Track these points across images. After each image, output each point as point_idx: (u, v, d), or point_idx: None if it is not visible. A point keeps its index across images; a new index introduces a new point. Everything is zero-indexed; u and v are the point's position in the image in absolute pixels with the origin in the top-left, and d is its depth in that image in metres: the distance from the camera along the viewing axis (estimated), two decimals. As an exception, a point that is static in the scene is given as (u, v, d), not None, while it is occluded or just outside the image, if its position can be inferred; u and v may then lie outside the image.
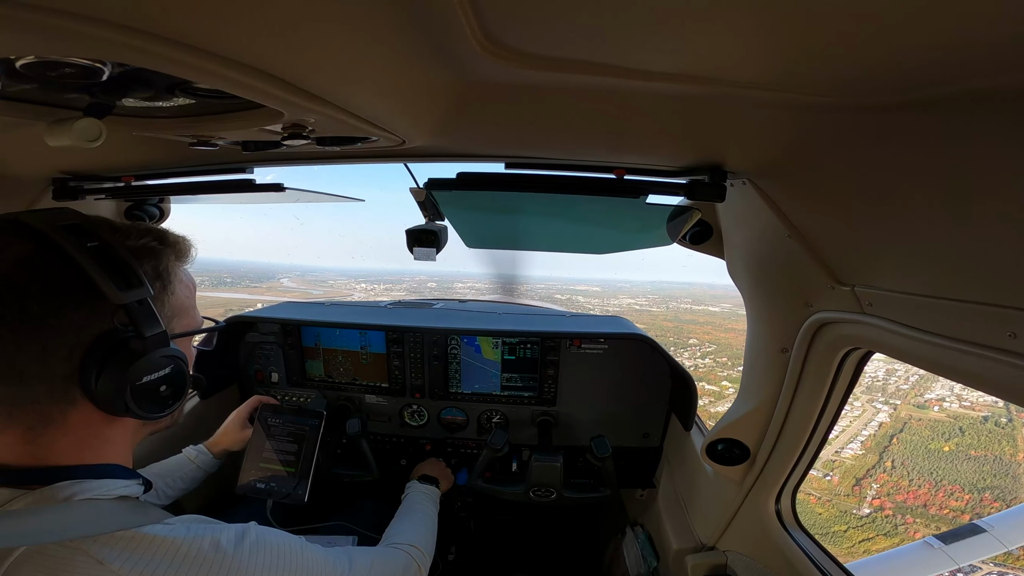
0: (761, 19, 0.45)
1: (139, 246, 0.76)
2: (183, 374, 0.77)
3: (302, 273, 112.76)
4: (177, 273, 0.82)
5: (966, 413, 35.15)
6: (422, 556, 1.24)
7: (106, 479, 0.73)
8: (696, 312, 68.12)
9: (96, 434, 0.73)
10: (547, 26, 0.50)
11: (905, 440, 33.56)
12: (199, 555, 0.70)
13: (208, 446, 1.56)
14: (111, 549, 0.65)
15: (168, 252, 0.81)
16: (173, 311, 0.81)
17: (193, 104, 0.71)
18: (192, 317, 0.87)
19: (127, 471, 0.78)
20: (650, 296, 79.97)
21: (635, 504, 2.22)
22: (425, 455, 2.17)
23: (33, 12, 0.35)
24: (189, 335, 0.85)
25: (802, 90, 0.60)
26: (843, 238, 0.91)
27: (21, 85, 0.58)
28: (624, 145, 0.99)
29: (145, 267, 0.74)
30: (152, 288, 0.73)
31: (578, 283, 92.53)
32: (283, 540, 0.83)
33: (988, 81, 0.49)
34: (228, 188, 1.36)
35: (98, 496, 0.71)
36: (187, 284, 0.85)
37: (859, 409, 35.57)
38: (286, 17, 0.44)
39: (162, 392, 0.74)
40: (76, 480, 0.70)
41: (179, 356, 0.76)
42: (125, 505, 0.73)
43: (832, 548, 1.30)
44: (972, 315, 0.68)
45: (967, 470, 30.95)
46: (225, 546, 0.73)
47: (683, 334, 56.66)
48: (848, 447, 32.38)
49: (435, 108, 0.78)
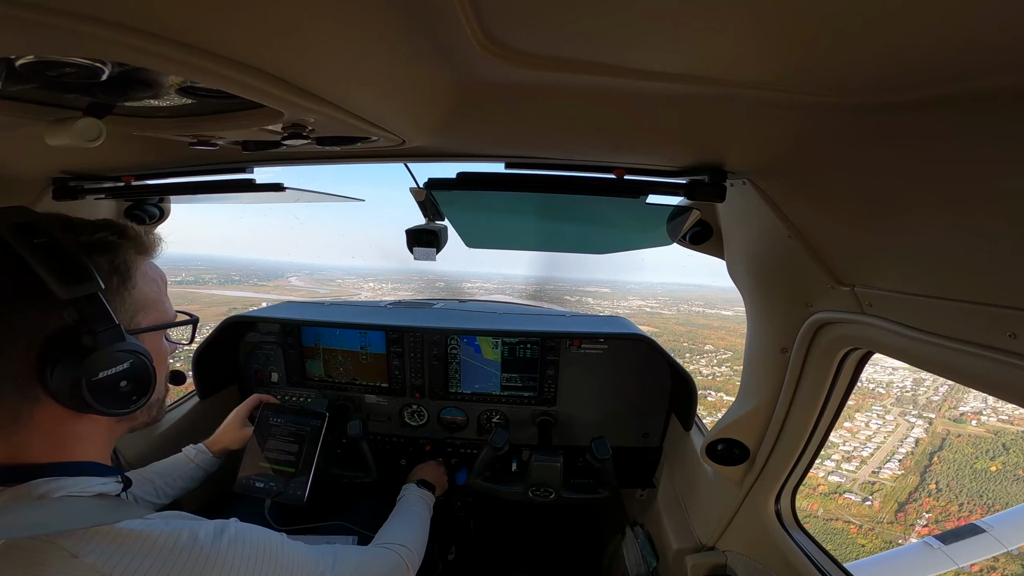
0: (761, 19, 0.45)
1: (94, 241, 0.75)
2: (145, 369, 0.75)
3: (311, 272, 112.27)
4: (138, 267, 0.81)
5: (1006, 428, 33.25)
6: (411, 556, 1.25)
7: (82, 476, 0.74)
8: (709, 316, 66.51)
9: (67, 431, 0.73)
10: (547, 26, 0.50)
11: (947, 459, 31.06)
12: (175, 548, 0.69)
13: (208, 445, 1.56)
14: (86, 543, 0.65)
15: (127, 246, 0.80)
16: (136, 306, 0.79)
17: (193, 104, 0.71)
18: (161, 311, 0.85)
19: (105, 468, 0.78)
20: (660, 298, 78.36)
21: (635, 504, 2.22)
22: (425, 455, 2.17)
23: (33, 11, 0.35)
24: (153, 330, 0.83)
25: (802, 90, 0.60)
26: (843, 238, 0.91)
27: (21, 85, 0.58)
28: (624, 145, 0.99)
29: (99, 261, 0.73)
30: (107, 282, 0.72)
31: (587, 284, 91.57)
32: (263, 536, 0.83)
33: (988, 81, 0.49)
34: (228, 188, 1.36)
35: (75, 493, 0.71)
36: (153, 278, 0.84)
37: (891, 423, 33.80)
38: (286, 16, 0.44)
39: (123, 388, 0.72)
40: (51, 477, 0.70)
41: (139, 351, 0.74)
42: (103, 502, 0.73)
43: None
44: (972, 315, 0.68)
45: (1018, 492, 28.79)
46: (203, 539, 0.73)
47: (698, 339, 55.16)
48: (886, 467, 29.94)
49: (435, 108, 0.78)
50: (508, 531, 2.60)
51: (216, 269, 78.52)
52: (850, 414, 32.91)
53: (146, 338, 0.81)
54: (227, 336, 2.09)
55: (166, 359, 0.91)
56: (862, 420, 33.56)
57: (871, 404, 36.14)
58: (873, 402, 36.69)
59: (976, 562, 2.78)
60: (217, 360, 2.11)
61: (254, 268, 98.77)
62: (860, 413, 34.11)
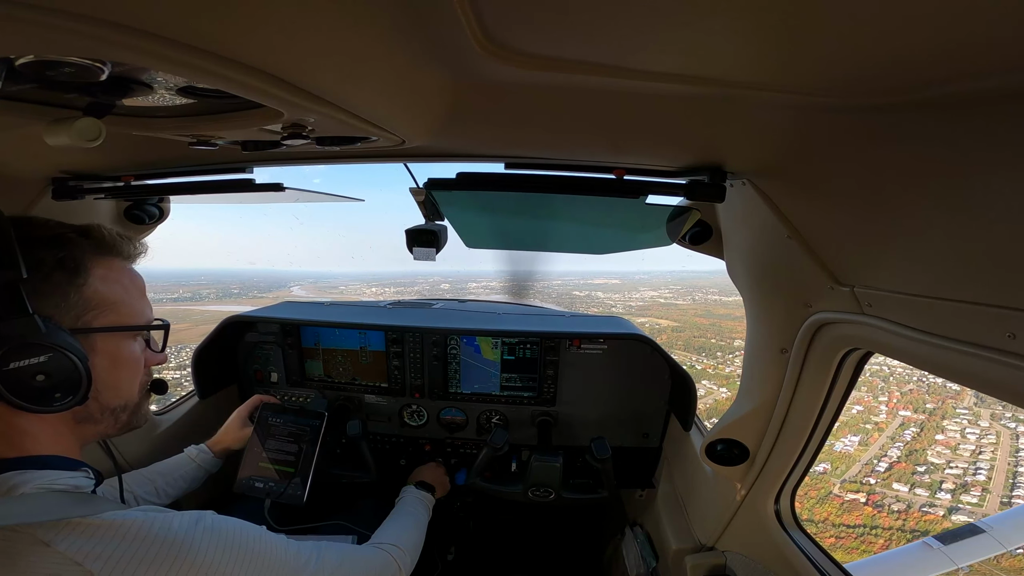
0: (761, 20, 0.45)
1: (48, 236, 0.75)
2: (70, 367, 0.72)
3: (314, 280, 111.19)
4: (94, 265, 0.79)
5: None
6: (403, 556, 1.24)
7: (47, 470, 0.73)
8: (729, 305, 54.67)
9: (11, 425, 0.73)
10: (547, 26, 0.50)
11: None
12: (148, 536, 0.69)
13: (209, 445, 1.57)
14: (57, 533, 0.66)
15: (83, 243, 0.78)
16: (86, 304, 0.77)
17: (193, 104, 0.71)
18: (126, 315, 0.83)
19: (70, 462, 0.77)
20: (673, 287, 71.38)
21: (634, 504, 2.22)
22: (425, 455, 2.17)
23: (32, 11, 0.35)
24: (102, 331, 0.79)
25: (802, 90, 0.60)
26: (843, 239, 0.91)
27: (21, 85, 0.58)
28: (624, 145, 0.99)
29: (41, 253, 0.72)
30: (44, 275, 0.71)
31: (596, 276, 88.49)
32: (240, 526, 0.82)
33: (987, 82, 0.49)
34: (228, 188, 1.35)
35: (45, 486, 0.71)
36: (117, 280, 0.82)
37: (990, 431, 27.13)
38: (286, 16, 0.44)
39: (39, 382, 0.69)
40: (20, 471, 0.70)
41: (61, 346, 0.70)
42: (75, 496, 0.72)
43: None
44: (971, 315, 0.68)
45: None
46: (177, 528, 0.73)
47: (724, 333, 46.96)
48: (1014, 494, 22.24)
49: (435, 108, 0.78)
50: (508, 531, 2.59)
51: (217, 283, 76.96)
52: (937, 422, 28.71)
53: (103, 340, 0.79)
54: (226, 336, 2.09)
55: (138, 365, 0.87)
56: (954, 429, 28.08)
57: (952, 407, 29.88)
58: (954, 404, 30.08)
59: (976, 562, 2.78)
60: (216, 360, 2.11)
61: (255, 279, 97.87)
62: (948, 421, 28.90)
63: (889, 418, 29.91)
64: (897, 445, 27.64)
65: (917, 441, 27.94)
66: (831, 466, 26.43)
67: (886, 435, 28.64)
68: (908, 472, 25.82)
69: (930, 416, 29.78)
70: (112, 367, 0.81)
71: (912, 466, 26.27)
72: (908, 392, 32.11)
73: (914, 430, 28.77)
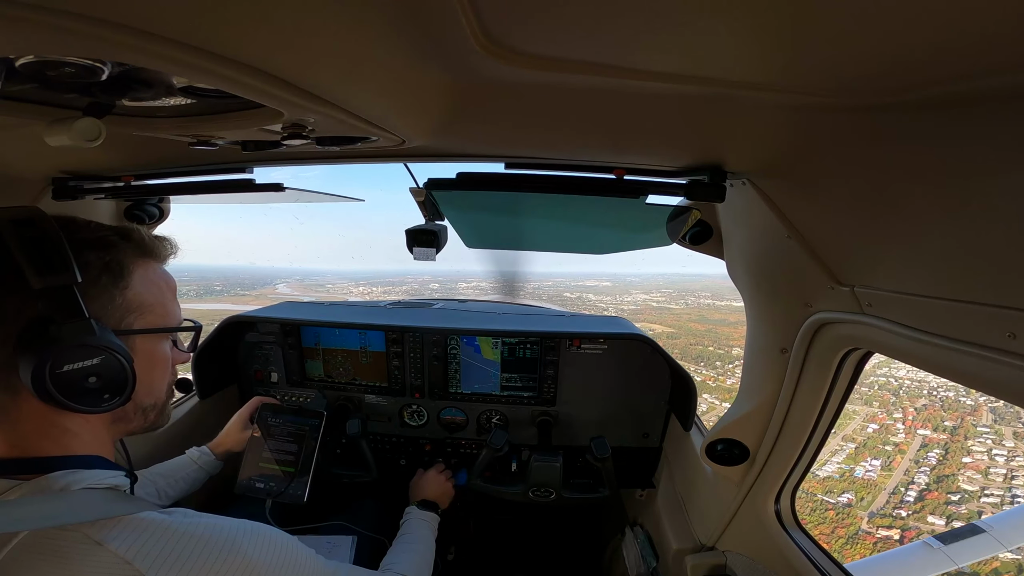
0: (761, 20, 0.45)
1: (93, 238, 0.75)
2: (119, 368, 0.73)
3: (302, 277, 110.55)
4: (137, 269, 0.80)
5: None
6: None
7: (93, 469, 0.74)
8: (722, 309, 55.92)
9: (55, 424, 0.73)
10: (547, 26, 0.50)
11: None
12: (195, 535, 0.70)
13: (211, 447, 1.57)
14: (109, 531, 0.66)
15: (125, 246, 0.79)
16: (129, 306, 0.78)
17: (193, 104, 0.71)
18: (160, 316, 0.84)
19: (109, 463, 0.79)
20: (664, 290, 70.67)
21: (635, 504, 2.22)
22: (425, 455, 2.17)
23: (32, 11, 0.35)
24: (143, 333, 0.81)
25: (802, 90, 0.60)
26: (843, 238, 0.91)
27: (21, 85, 0.58)
28: (624, 145, 0.99)
29: (88, 257, 0.73)
30: (92, 278, 0.72)
31: (587, 278, 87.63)
32: (278, 532, 0.84)
33: (986, 82, 0.49)
34: (228, 188, 1.36)
35: (92, 485, 0.72)
36: (155, 282, 0.84)
37: (1018, 451, 25.98)
38: (286, 16, 0.44)
39: (91, 384, 0.70)
40: (70, 470, 0.71)
41: (112, 348, 0.71)
42: (118, 495, 0.73)
43: None
44: (971, 315, 0.68)
45: None
46: (223, 528, 0.74)
47: (722, 340, 45.91)
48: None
49: (435, 108, 0.78)
50: (508, 531, 2.59)
51: (200, 279, 75.45)
52: (961, 443, 26.50)
53: (141, 340, 0.80)
54: (226, 336, 2.09)
55: (168, 365, 0.89)
56: (980, 451, 26.16)
57: (972, 424, 28.20)
58: (973, 420, 28.49)
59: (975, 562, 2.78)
60: (217, 360, 2.11)
61: (239, 276, 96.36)
62: (972, 441, 26.94)
63: (908, 438, 27.97)
64: (923, 470, 25.56)
65: (945, 465, 25.75)
66: (855, 496, 24.38)
67: (908, 458, 26.55)
68: (941, 502, 23.58)
69: (952, 436, 27.49)
70: (148, 367, 0.82)
71: (944, 495, 24.03)
72: (923, 408, 30.26)
73: (938, 452, 26.81)
